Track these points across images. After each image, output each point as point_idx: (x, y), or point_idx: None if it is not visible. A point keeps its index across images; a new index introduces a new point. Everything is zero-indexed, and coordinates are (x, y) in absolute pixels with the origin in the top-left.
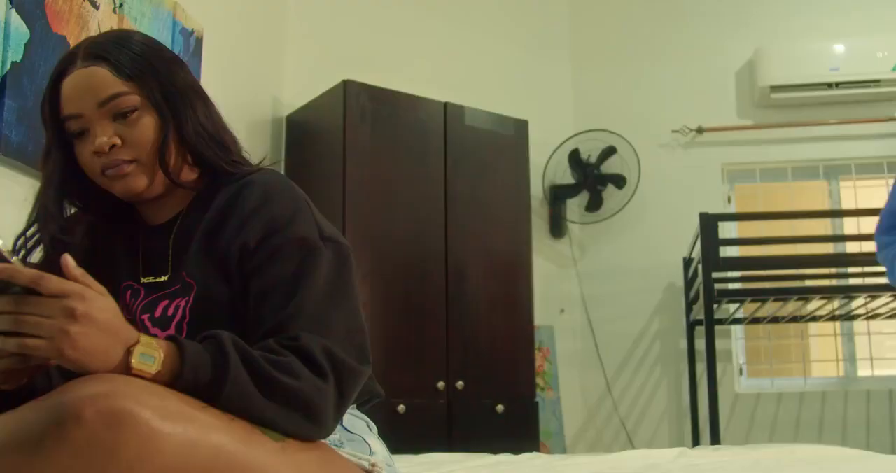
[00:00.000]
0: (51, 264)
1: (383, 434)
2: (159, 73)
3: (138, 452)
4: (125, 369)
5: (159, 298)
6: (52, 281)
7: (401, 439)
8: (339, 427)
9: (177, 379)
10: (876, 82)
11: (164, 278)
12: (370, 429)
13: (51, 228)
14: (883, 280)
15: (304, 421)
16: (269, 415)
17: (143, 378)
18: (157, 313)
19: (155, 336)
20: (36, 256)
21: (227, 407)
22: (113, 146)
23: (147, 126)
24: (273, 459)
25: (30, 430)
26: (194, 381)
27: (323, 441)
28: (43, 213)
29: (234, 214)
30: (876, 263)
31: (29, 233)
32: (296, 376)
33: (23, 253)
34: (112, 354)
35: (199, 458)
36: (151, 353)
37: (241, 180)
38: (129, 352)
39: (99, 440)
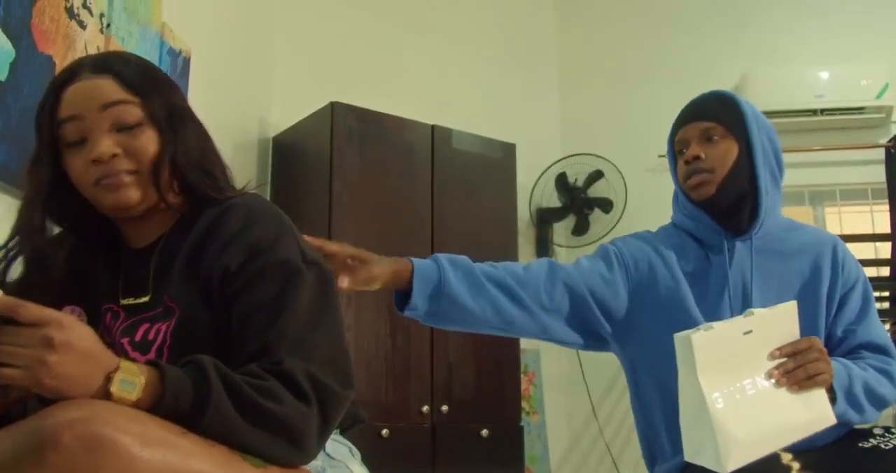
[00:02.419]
0: (29, 281)
1: (366, 459)
2: (161, 92)
3: None
4: (105, 396)
5: (139, 321)
6: (28, 310)
7: (384, 463)
8: (321, 453)
9: (158, 405)
10: (860, 109)
11: (144, 299)
12: (353, 455)
13: (34, 241)
14: None
15: (288, 446)
16: (252, 440)
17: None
18: (138, 337)
19: (134, 360)
20: (15, 273)
21: (209, 432)
22: (114, 156)
23: (150, 139)
24: None
25: (7, 456)
26: (175, 407)
27: (305, 467)
28: (27, 226)
29: (216, 237)
30: None
31: (10, 245)
32: (279, 401)
33: (2, 265)
34: (92, 382)
35: None
36: (132, 380)
37: (224, 203)
38: (108, 379)
39: (77, 465)
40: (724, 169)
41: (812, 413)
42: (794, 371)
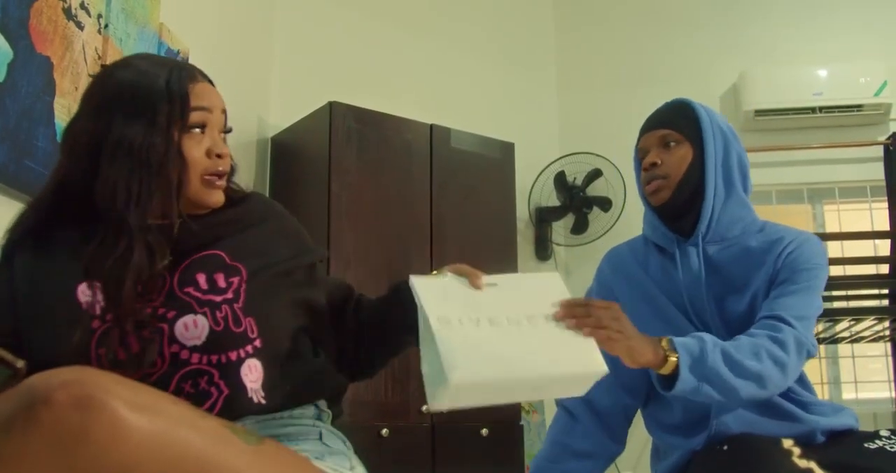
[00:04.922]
0: (52, 262)
1: (366, 458)
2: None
3: (107, 437)
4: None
5: (192, 270)
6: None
7: (384, 463)
8: (318, 441)
9: None
10: (859, 107)
11: (166, 261)
12: (346, 447)
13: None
14: (868, 303)
15: None
16: None
17: None
18: (204, 284)
19: (210, 301)
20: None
21: None
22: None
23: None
24: (244, 461)
25: (1, 414)
26: None
27: (302, 454)
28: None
29: (277, 219)
30: (860, 286)
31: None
32: None
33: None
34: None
35: (168, 451)
36: None
37: (243, 196)
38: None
39: (68, 422)
40: (678, 174)
41: (570, 353)
42: (585, 318)
